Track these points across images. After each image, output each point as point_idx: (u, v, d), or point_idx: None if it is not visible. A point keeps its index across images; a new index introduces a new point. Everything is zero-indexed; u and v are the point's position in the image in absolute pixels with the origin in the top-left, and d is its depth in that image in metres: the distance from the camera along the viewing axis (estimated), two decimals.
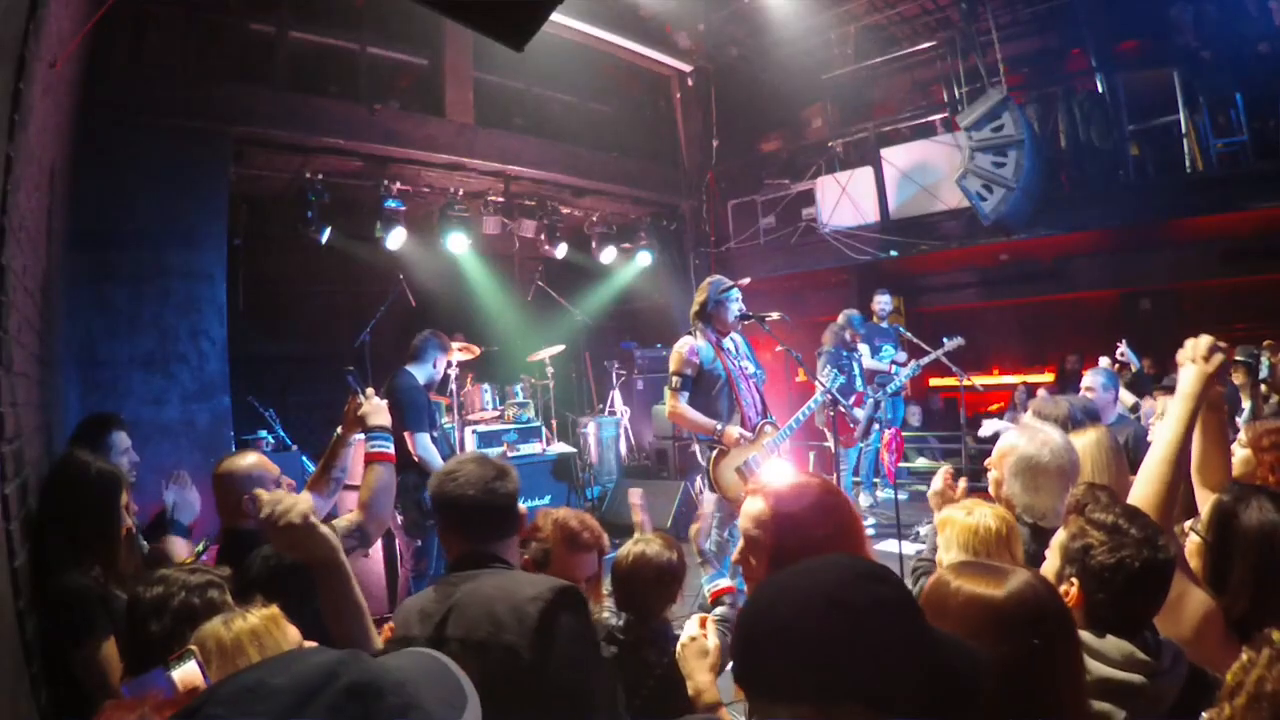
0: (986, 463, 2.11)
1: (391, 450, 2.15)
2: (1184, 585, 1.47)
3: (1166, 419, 1.59)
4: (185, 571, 1.50)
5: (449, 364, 4.23)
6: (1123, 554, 1.30)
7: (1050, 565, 1.43)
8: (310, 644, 1.50)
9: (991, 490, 2.10)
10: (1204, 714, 1.02)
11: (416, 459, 3.77)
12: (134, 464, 3.14)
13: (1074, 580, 1.36)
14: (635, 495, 2.43)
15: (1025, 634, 1.00)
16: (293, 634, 1.30)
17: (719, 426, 3.60)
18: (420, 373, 4.03)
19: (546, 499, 5.75)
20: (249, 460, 2.11)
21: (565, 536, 1.83)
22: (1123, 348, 4.90)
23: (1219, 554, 1.52)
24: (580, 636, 1.42)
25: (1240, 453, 2.14)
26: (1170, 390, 3.04)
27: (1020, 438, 1.99)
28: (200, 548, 2.75)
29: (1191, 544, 1.58)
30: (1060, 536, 1.43)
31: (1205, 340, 1.53)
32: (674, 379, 3.68)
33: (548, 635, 1.36)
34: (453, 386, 6.02)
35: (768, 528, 1.33)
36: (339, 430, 2.38)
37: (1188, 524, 1.67)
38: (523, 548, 1.84)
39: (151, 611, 1.41)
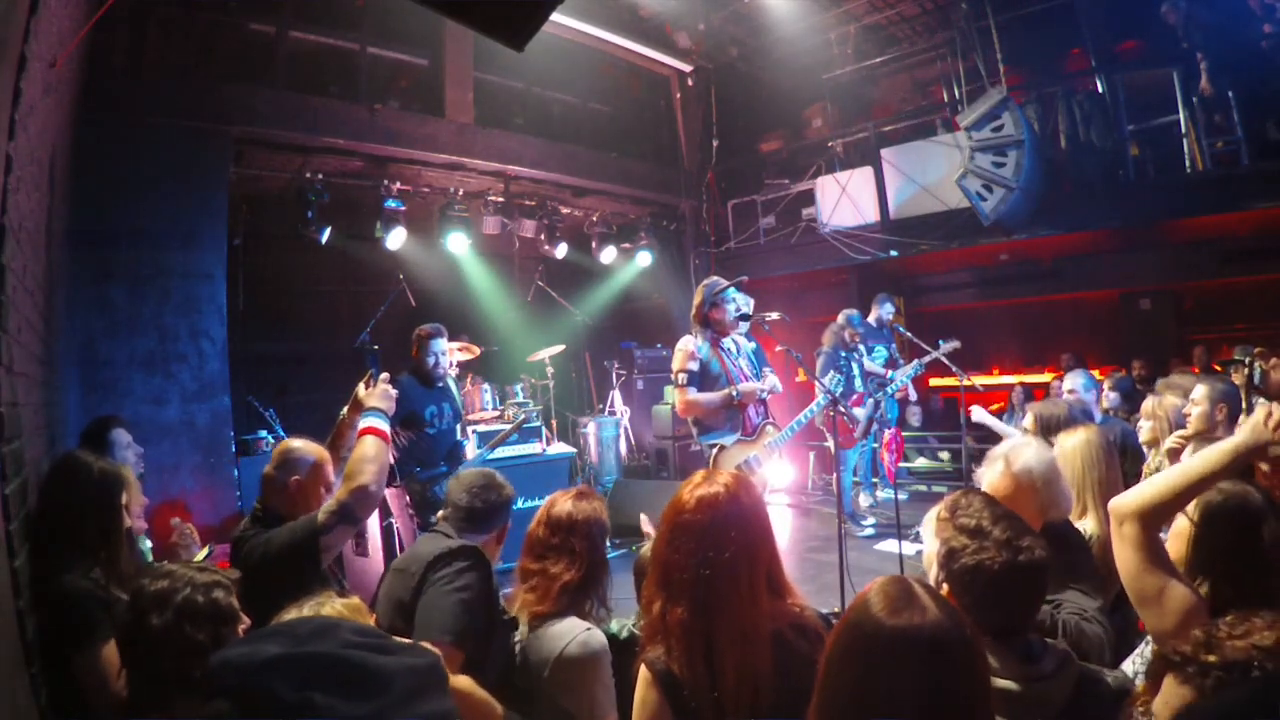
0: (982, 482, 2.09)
1: (384, 428, 2.11)
2: (1164, 579, 1.46)
3: (1205, 454, 1.52)
4: (193, 569, 1.48)
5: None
6: (983, 557, 1.30)
7: (931, 575, 1.44)
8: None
9: None
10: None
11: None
12: (140, 456, 3.16)
13: (944, 587, 1.36)
14: (645, 523, 2.72)
15: (886, 671, 0.96)
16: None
17: (734, 391, 3.62)
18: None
19: (546, 499, 5.75)
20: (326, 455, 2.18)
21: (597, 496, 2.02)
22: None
23: (1203, 538, 1.52)
24: (456, 575, 1.89)
25: None
26: (1168, 387, 3.06)
27: (1027, 456, 1.97)
28: (202, 554, 2.76)
29: (1179, 527, 1.58)
30: (934, 544, 1.44)
31: None
32: (679, 376, 3.70)
33: (430, 572, 1.88)
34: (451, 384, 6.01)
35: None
36: (344, 411, 2.37)
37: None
38: (597, 541, 1.92)
39: (154, 604, 1.39)
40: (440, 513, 2.12)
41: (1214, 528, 1.52)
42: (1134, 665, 1.62)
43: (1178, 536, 1.59)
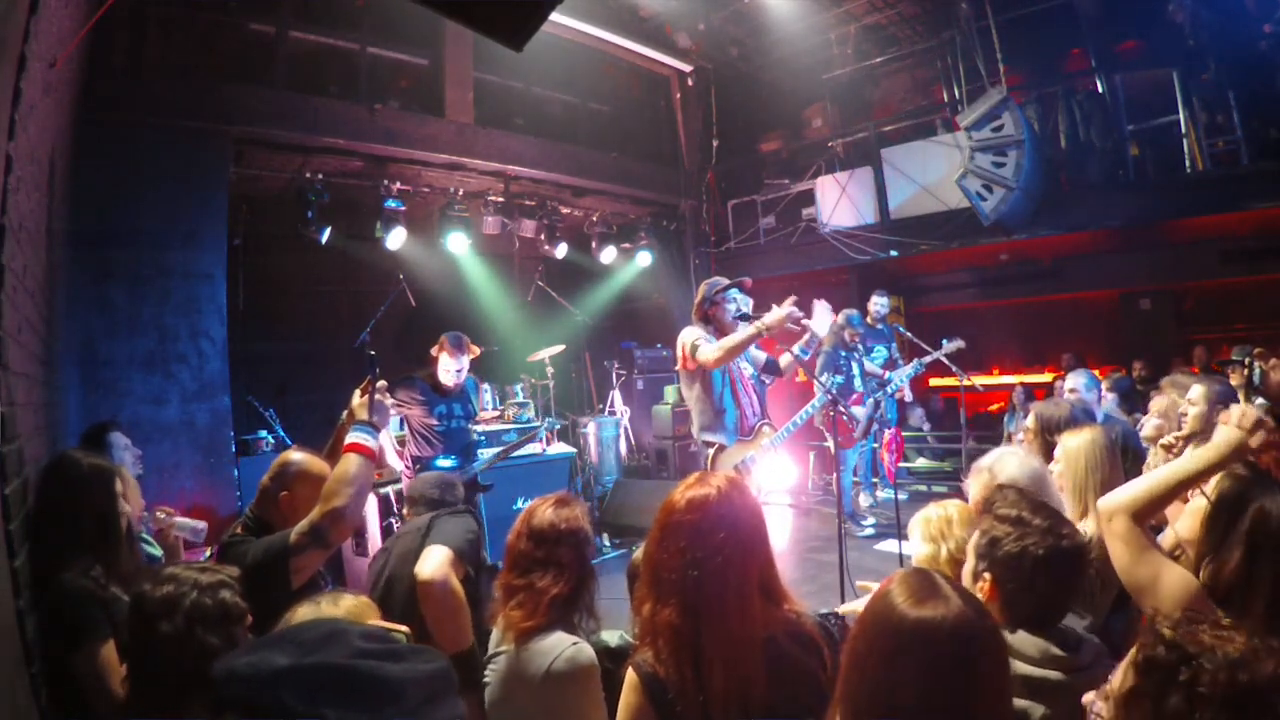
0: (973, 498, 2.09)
1: (370, 444, 2.00)
2: (1158, 566, 1.49)
3: (1193, 456, 1.56)
4: (195, 570, 1.44)
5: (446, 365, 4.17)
6: (1026, 542, 1.36)
7: (968, 566, 1.49)
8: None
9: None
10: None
11: None
12: (138, 457, 3.17)
13: (986, 575, 1.41)
14: None
15: (909, 662, 0.97)
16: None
17: (759, 325, 3.38)
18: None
19: None
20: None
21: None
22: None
23: (1217, 520, 1.55)
24: (463, 514, 2.24)
25: None
26: (1172, 385, 3.06)
27: (1010, 467, 1.97)
28: (204, 557, 2.77)
29: (1195, 505, 1.61)
30: (974, 537, 1.48)
31: (1253, 414, 1.53)
32: (698, 342, 3.54)
33: (439, 516, 2.20)
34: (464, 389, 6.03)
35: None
36: (344, 416, 2.35)
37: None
38: (582, 548, 1.82)
39: (162, 610, 1.36)
40: (406, 509, 2.20)
41: (1229, 514, 1.54)
42: None
43: (1193, 514, 1.62)
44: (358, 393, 2.18)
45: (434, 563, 1.95)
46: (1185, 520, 1.65)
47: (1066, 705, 1.23)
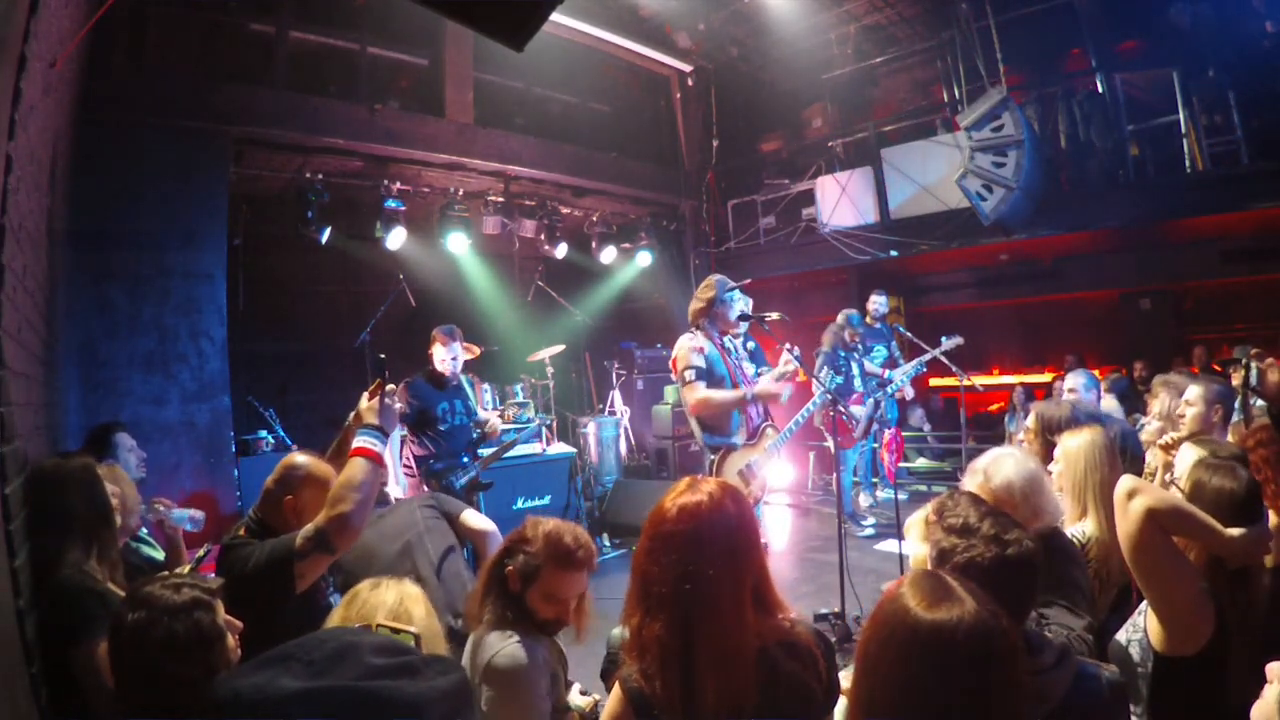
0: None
1: (377, 449, 1.97)
2: (1156, 558, 1.55)
3: (1234, 535, 1.57)
4: (170, 589, 1.35)
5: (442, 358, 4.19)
6: (973, 554, 1.33)
7: None
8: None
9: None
10: None
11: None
12: (142, 460, 3.17)
13: None
14: None
15: (924, 665, 0.97)
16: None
17: (749, 392, 3.52)
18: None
19: (546, 499, 5.75)
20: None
21: (556, 553, 1.72)
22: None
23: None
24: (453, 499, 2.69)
25: None
26: (1164, 386, 3.06)
27: (1006, 468, 1.93)
28: (202, 553, 2.76)
29: (1173, 495, 1.68)
30: (926, 549, 1.47)
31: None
32: (688, 373, 3.57)
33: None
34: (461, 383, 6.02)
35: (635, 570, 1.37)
36: (350, 418, 2.34)
37: (1168, 477, 1.75)
38: (508, 558, 1.77)
39: (131, 640, 1.30)
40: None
41: (1197, 496, 1.63)
42: (1127, 634, 1.65)
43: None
44: (366, 395, 2.14)
45: (480, 516, 2.47)
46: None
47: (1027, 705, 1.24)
